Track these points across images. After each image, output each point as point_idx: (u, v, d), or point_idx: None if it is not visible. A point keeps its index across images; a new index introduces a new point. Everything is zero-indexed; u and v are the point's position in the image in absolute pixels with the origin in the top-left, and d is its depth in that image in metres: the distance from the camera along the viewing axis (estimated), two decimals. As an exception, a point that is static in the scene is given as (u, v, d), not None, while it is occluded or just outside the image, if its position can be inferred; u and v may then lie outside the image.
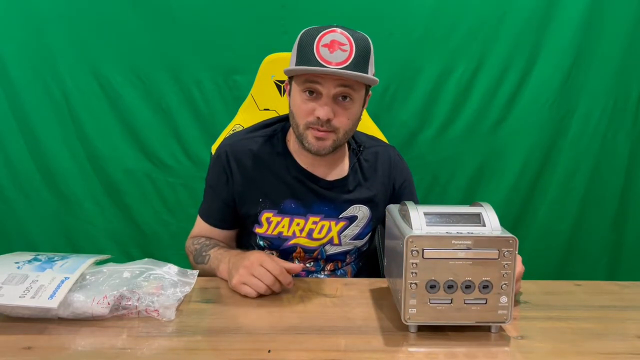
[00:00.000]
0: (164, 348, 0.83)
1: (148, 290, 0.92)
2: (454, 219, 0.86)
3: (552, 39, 1.77)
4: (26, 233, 1.88)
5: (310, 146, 1.13)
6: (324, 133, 1.11)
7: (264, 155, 1.21)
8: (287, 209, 1.19)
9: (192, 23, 1.74)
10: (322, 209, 1.20)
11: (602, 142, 1.86)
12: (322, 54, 1.06)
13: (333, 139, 1.12)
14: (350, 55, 1.06)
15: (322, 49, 1.06)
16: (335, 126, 1.11)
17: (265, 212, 1.19)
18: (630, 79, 1.82)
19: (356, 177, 1.24)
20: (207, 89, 1.79)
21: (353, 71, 1.06)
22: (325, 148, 1.13)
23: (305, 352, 0.81)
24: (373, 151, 1.28)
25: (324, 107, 1.08)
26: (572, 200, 1.89)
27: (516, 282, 0.92)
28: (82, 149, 1.83)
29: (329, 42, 1.06)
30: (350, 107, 1.11)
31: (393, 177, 1.28)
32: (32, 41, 1.75)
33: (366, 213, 1.23)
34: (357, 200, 1.22)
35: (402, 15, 1.74)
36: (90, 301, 0.88)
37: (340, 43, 1.06)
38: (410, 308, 0.82)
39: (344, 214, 1.21)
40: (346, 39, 1.07)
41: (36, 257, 1.01)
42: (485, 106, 1.82)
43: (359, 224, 1.22)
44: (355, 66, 1.07)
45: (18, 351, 0.81)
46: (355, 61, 1.07)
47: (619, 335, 0.87)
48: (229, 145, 1.22)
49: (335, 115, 1.10)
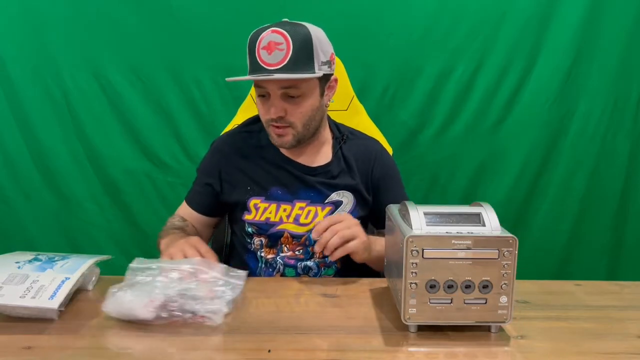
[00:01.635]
0: (164, 348, 0.83)
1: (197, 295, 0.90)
2: (453, 219, 0.86)
3: (552, 39, 1.77)
4: (26, 233, 1.88)
5: (274, 141, 1.21)
6: (282, 129, 1.18)
7: (251, 148, 1.28)
8: (274, 195, 1.24)
9: (192, 23, 1.74)
10: (308, 195, 1.24)
11: (602, 142, 1.85)
12: (262, 56, 1.11)
13: (292, 133, 1.18)
14: (287, 54, 1.10)
15: (261, 51, 1.11)
16: (289, 121, 1.17)
17: (253, 198, 1.24)
18: (630, 79, 1.82)
19: (340, 164, 1.27)
20: (207, 89, 1.79)
21: (288, 72, 1.10)
22: (287, 142, 1.19)
23: (305, 352, 0.81)
24: (355, 142, 1.31)
25: (272, 108, 1.15)
26: (572, 200, 1.89)
27: None
28: (82, 149, 1.83)
29: (267, 44, 1.11)
30: (301, 101, 1.16)
31: (371, 169, 1.29)
32: (32, 41, 1.75)
33: (350, 199, 1.26)
34: (341, 186, 1.25)
35: (402, 15, 1.74)
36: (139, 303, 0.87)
37: (277, 43, 1.11)
38: (410, 308, 0.83)
39: (329, 199, 1.24)
40: (282, 37, 1.11)
41: (36, 257, 1.01)
42: (485, 106, 1.82)
43: (345, 208, 1.25)
44: (295, 64, 1.11)
45: (18, 351, 0.81)
46: (294, 58, 1.10)
47: (619, 335, 0.87)
48: (221, 139, 1.33)
49: (288, 112, 1.16)
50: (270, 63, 1.11)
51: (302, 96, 1.15)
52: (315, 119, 1.20)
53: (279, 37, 1.10)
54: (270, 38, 1.11)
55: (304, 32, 1.12)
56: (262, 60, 1.11)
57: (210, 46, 1.75)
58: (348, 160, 1.27)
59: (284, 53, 1.10)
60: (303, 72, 1.12)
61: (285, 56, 1.10)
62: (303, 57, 1.12)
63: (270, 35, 1.11)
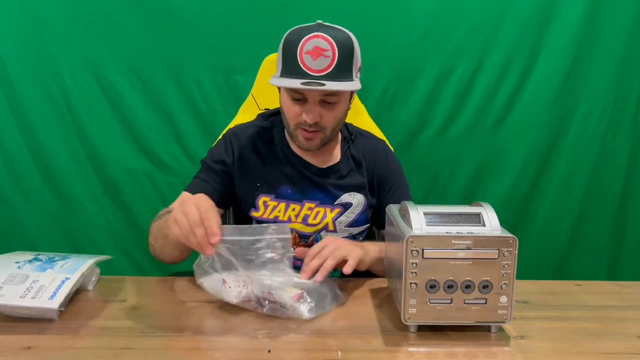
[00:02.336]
0: (164, 348, 0.83)
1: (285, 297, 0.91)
2: (453, 219, 0.86)
3: (552, 39, 1.77)
4: (26, 233, 1.88)
5: (301, 144, 1.20)
6: (312, 134, 1.16)
7: (262, 144, 1.26)
8: (283, 194, 1.23)
9: (192, 23, 1.74)
10: (317, 196, 1.24)
11: (602, 142, 1.85)
12: (306, 61, 1.09)
13: (321, 137, 1.18)
14: (333, 61, 1.09)
15: (305, 56, 1.09)
16: (322, 126, 1.16)
17: (263, 196, 1.23)
18: (630, 79, 1.82)
19: (349, 163, 1.27)
20: (207, 89, 1.79)
21: (334, 80, 1.09)
22: (315, 145, 1.19)
23: (305, 352, 0.81)
24: (362, 142, 1.32)
25: (310, 113, 1.13)
26: (572, 200, 1.89)
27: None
28: (82, 149, 1.83)
29: (311, 49, 1.09)
30: (336, 107, 1.16)
31: (376, 169, 1.29)
32: (32, 41, 1.74)
33: (361, 200, 1.25)
34: (350, 187, 1.25)
35: (402, 15, 1.74)
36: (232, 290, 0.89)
37: (323, 49, 1.09)
38: (410, 308, 0.83)
39: (338, 201, 1.24)
40: (328, 44, 1.09)
41: (37, 257, 1.01)
42: (485, 106, 1.82)
43: (354, 210, 1.24)
44: (339, 71, 1.10)
45: (18, 351, 0.81)
46: (338, 66, 1.09)
47: (619, 335, 0.87)
48: (232, 132, 1.29)
49: (322, 117, 1.15)
50: (316, 69, 1.09)
51: (338, 102, 1.15)
52: (341, 123, 1.22)
53: (324, 43, 1.09)
54: (315, 43, 1.08)
55: (346, 39, 1.11)
56: (305, 66, 1.09)
57: (210, 46, 1.75)
58: (357, 159, 1.28)
59: (329, 60, 1.08)
60: (345, 80, 1.11)
61: (331, 63, 1.09)
62: (347, 65, 1.11)
63: (315, 40, 1.09)
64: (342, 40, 1.10)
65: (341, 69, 1.10)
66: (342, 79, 1.11)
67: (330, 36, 1.09)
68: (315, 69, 1.09)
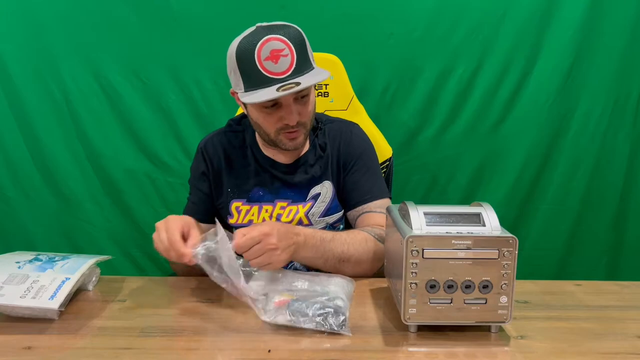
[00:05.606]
0: (164, 348, 0.83)
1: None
2: (453, 219, 0.86)
3: (552, 39, 1.76)
4: (26, 233, 1.88)
5: (287, 147, 1.18)
6: (295, 132, 1.15)
7: (232, 149, 1.26)
8: (255, 197, 1.23)
9: (192, 23, 1.74)
10: (288, 194, 1.23)
11: (602, 142, 1.85)
12: (268, 67, 1.06)
13: (303, 133, 1.18)
14: (293, 58, 1.07)
15: (265, 63, 1.06)
16: (302, 122, 1.15)
17: (235, 201, 1.23)
18: (630, 79, 1.82)
19: (316, 152, 1.26)
20: (207, 89, 1.79)
21: (302, 74, 1.08)
22: (300, 142, 1.18)
23: (305, 352, 0.81)
24: (329, 127, 1.29)
25: (290, 115, 1.11)
26: (572, 200, 1.89)
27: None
28: (82, 149, 1.83)
29: (269, 53, 1.06)
30: (308, 100, 1.15)
31: (340, 148, 1.26)
32: (33, 41, 1.75)
33: (329, 188, 1.24)
34: (318, 177, 1.24)
35: (402, 15, 1.74)
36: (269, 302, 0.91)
37: (279, 50, 1.07)
38: (410, 308, 0.83)
39: (309, 196, 1.24)
40: (283, 43, 1.07)
41: (37, 257, 1.01)
42: (485, 106, 1.81)
43: (324, 199, 1.24)
44: (301, 65, 1.09)
45: (18, 351, 0.81)
46: (299, 61, 1.08)
47: (619, 335, 0.87)
48: (203, 142, 1.30)
49: (300, 114, 1.14)
50: (279, 72, 1.06)
51: (308, 95, 1.14)
52: (314, 113, 1.21)
53: (279, 43, 1.07)
54: (271, 46, 1.06)
55: (295, 31, 1.10)
56: (269, 72, 1.06)
57: (210, 46, 1.75)
58: (322, 146, 1.26)
59: (289, 58, 1.07)
60: (309, 71, 1.10)
61: (292, 61, 1.07)
62: (305, 56, 1.10)
63: (270, 44, 1.06)
64: (293, 34, 1.09)
65: (302, 62, 1.09)
66: (307, 70, 1.10)
67: (280, 35, 1.07)
68: (280, 71, 1.07)
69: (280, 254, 0.97)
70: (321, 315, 0.86)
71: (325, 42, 1.51)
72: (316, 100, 1.22)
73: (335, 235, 1.10)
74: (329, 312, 0.87)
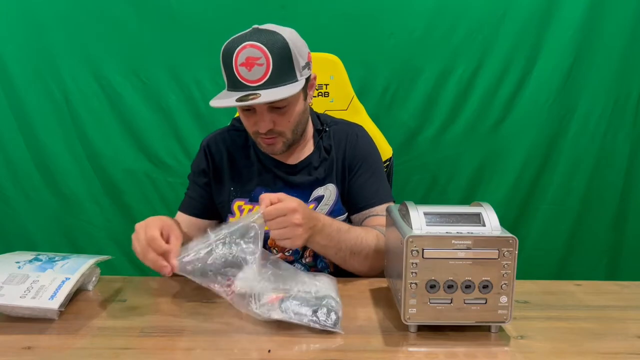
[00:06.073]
0: (164, 348, 0.83)
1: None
2: (453, 219, 0.86)
3: (552, 39, 1.77)
4: (26, 233, 1.88)
5: (264, 150, 1.19)
6: (272, 139, 1.15)
7: (235, 148, 1.26)
8: (257, 196, 1.20)
9: (192, 23, 1.74)
10: (291, 195, 1.21)
11: (602, 142, 1.85)
12: (242, 73, 1.06)
13: (282, 141, 1.16)
14: (268, 69, 1.05)
15: (240, 68, 1.06)
16: (279, 131, 1.14)
17: (237, 200, 1.23)
18: (630, 79, 1.82)
19: (320, 154, 1.25)
20: (207, 89, 1.79)
21: (273, 86, 1.06)
22: (279, 149, 1.17)
23: (305, 352, 0.81)
24: (334, 129, 1.28)
25: (260, 122, 1.11)
26: (572, 200, 1.89)
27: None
28: (82, 149, 1.83)
29: (244, 60, 1.05)
30: (288, 110, 1.13)
31: (345, 152, 1.26)
32: (33, 41, 1.75)
33: (333, 190, 1.24)
34: (322, 180, 1.23)
35: (402, 15, 1.74)
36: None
37: (255, 58, 1.05)
38: (410, 308, 0.83)
39: (312, 197, 1.23)
40: (260, 52, 1.05)
41: (37, 257, 1.01)
42: (485, 106, 1.82)
43: (327, 202, 1.23)
44: (277, 76, 1.06)
45: (18, 351, 0.81)
46: (275, 72, 1.06)
47: (619, 335, 0.87)
48: (206, 140, 1.29)
49: (276, 123, 1.12)
50: (252, 80, 1.06)
51: (289, 105, 1.12)
52: (302, 122, 1.18)
53: (256, 51, 1.05)
54: (247, 53, 1.05)
55: (280, 40, 1.07)
56: (242, 78, 1.06)
57: (210, 46, 1.73)
58: (327, 149, 1.26)
59: (264, 68, 1.05)
60: (286, 83, 1.08)
61: (266, 71, 1.05)
62: (284, 67, 1.07)
63: (247, 51, 1.05)
64: (276, 44, 1.06)
65: (279, 74, 1.06)
66: (281, 83, 1.07)
67: (261, 43, 1.05)
68: (252, 79, 1.06)
69: (302, 233, 0.98)
70: (314, 314, 0.86)
71: (325, 42, 1.51)
72: (315, 101, 1.21)
73: (351, 228, 1.11)
74: (322, 310, 0.87)
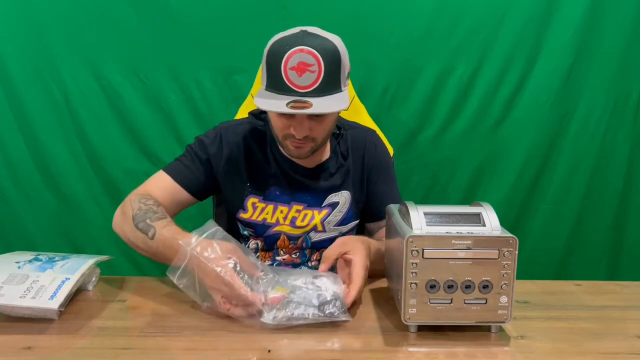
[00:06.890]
0: (164, 348, 0.83)
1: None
2: (453, 219, 0.86)
3: (552, 39, 1.77)
4: (26, 233, 1.88)
5: (290, 153, 1.16)
6: (302, 143, 1.12)
7: (253, 143, 1.23)
8: (272, 196, 1.21)
9: (192, 23, 1.74)
10: (305, 198, 1.22)
11: (602, 142, 1.85)
12: (291, 78, 1.03)
13: (311, 146, 1.14)
14: (319, 76, 1.03)
15: (290, 72, 1.02)
16: (312, 137, 1.11)
17: (252, 197, 1.21)
18: (630, 79, 1.82)
19: (337, 160, 1.25)
20: (207, 89, 1.79)
21: (322, 95, 1.03)
22: (305, 153, 1.15)
23: (305, 352, 0.81)
24: (351, 133, 1.28)
25: (298, 128, 1.08)
26: (572, 200, 1.89)
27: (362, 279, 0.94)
28: (82, 149, 1.83)
29: (296, 64, 1.02)
30: (326, 119, 1.11)
31: (364, 159, 1.26)
32: (32, 41, 1.75)
33: (347, 197, 1.23)
34: (338, 186, 1.23)
35: (402, 15, 1.74)
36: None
37: (308, 64, 1.02)
38: (410, 308, 0.83)
39: (326, 202, 1.22)
40: (314, 58, 1.02)
41: (37, 257, 1.01)
42: (485, 106, 1.82)
43: (342, 209, 1.23)
44: (326, 85, 1.04)
45: (18, 351, 0.81)
46: (325, 80, 1.03)
47: (619, 335, 0.87)
48: (225, 127, 1.24)
49: (312, 130, 1.09)
50: (301, 86, 1.02)
51: (328, 115, 1.10)
52: (332, 129, 1.17)
53: (310, 57, 1.02)
54: (300, 58, 1.02)
55: (332, 48, 1.05)
56: (290, 82, 1.03)
57: (210, 46, 1.75)
58: (344, 154, 1.25)
59: (315, 75, 1.02)
60: (334, 92, 1.06)
61: (317, 78, 1.02)
62: (333, 76, 1.05)
63: (300, 55, 1.02)
64: (328, 51, 1.04)
65: (329, 83, 1.04)
66: (330, 92, 1.05)
67: (315, 49, 1.03)
68: (301, 85, 1.03)
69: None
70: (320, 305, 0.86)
71: (325, 42, 1.51)
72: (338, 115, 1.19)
73: (380, 241, 1.12)
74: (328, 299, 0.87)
